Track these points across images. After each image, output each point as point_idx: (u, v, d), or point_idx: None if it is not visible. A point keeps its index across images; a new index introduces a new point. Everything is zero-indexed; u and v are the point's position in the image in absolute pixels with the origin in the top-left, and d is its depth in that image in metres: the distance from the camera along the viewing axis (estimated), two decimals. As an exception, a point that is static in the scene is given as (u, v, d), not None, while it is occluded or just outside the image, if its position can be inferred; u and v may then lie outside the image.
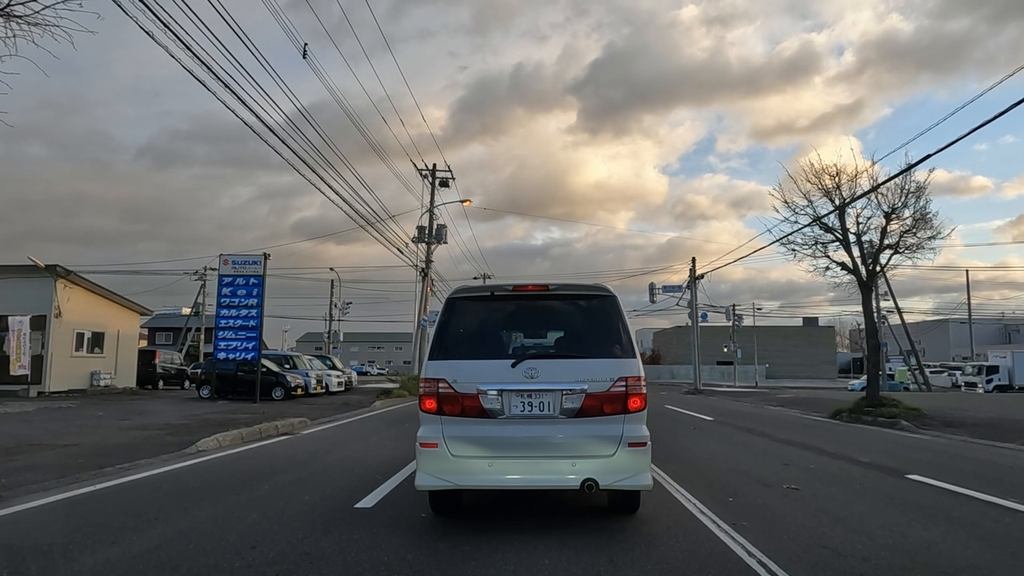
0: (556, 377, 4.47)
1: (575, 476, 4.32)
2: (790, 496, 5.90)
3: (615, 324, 4.74)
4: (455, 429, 4.47)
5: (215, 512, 5.12)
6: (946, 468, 7.76)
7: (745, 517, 4.95)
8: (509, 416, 4.43)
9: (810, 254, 15.94)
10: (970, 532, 4.68)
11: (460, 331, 4.83)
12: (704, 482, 6.53)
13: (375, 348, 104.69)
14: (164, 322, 60.96)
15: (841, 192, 15.01)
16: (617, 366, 4.52)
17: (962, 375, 44.35)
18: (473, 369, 4.53)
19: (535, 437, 4.44)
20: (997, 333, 69.86)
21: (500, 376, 4.46)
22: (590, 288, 4.99)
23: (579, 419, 4.43)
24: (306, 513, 5.06)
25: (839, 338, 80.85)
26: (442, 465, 4.42)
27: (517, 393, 4.45)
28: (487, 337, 4.87)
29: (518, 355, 4.64)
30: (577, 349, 4.74)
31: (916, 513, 5.28)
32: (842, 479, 6.93)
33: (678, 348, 69.59)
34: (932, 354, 59.93)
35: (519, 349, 4.92)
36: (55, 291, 19.96)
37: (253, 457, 8.43)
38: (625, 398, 4.46)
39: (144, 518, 4.89)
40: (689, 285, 35.34)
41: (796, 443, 10.52)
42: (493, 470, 4.40)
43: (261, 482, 6.43)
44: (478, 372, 4.51)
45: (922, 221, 14.48)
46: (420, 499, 5.43)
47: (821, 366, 68.84)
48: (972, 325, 52.99)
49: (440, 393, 4.52)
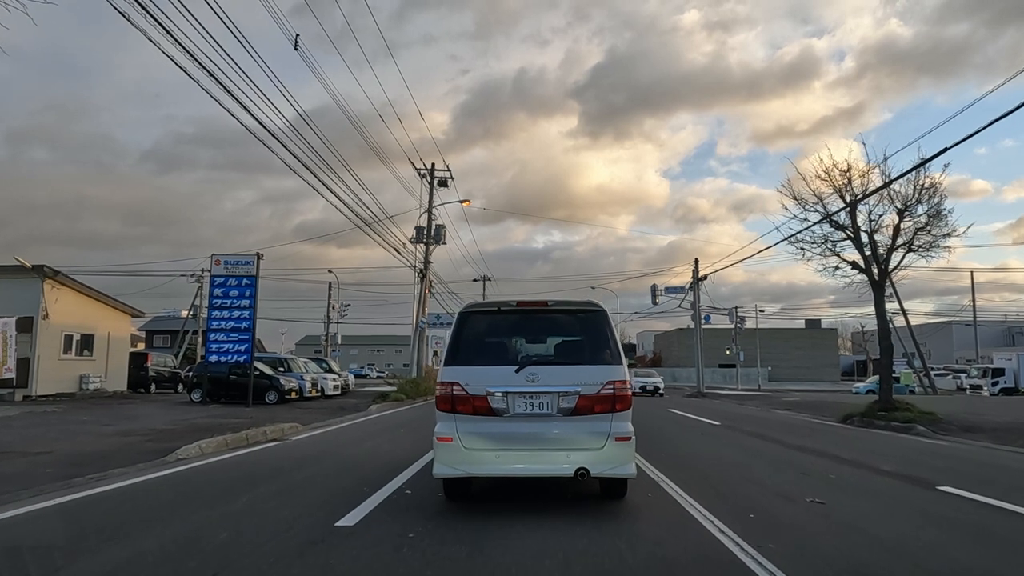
0: (554, 380, 5.07)
1: (569, 465, 4.90)
2: (815, 511, 5.38)
3: (604, 335, 5.39)
4: (467, 425, 5.05)
5: (182, 530, 4.60)
6: (978, 478, 7.23)
7: (770, 537, 4.43)
8: (513, 414, 5.04)
9: (819, 253, 15.43)
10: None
11: (471, 341, 5.44)
12: (719, 495, 6.02)
13: (375, 351, 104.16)
14: (163, 325, 60.35)
15: (852, 188, 14.51)
16: (606, 371, 5.11)
17: (967, 378, 43.77)
18: (482, 374, 5.13)
19: (535, 432, 5.04)
20: (1001, 335, 69.26)
21: (506, 380, 5.07)
22: (583, 304, 5.69)
23: (573, 417, 5.02)
24: (281, 532, 4.54)
25: (841, 340, 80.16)
26: (456, 456, 5.02)
27: (520, 394, 5.05)
28: (494, 346, 5.52)
29: (521, 361, 5.24)
30: (572, 356, 5.42)
31: (959, 532, 4.77)
32: (868, 491, 6.42)
33: (679, 351, 69.02)
34: (935, 356, 59.22)
35: (522, 356, 5.48)
36: (42, 292, 19.42)
37: (235, 466, 7.90)
38: (613, 399, 5.03)
39: (101, 537, 4.38)
40: (692, 286, 34.84)
41: (810, 449, 10.01)
42: (500, 460, 5.01)
43: (239, 495, 5.91)
44: (487, 376, 5.10)
45: (936, 218, 13.97)
46: (406, 517, 5.00)
47: (823, 369, 68.22)
48: (976, 327, 52.40)
49: (454, 394, 5.10)
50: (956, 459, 9.09)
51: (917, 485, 6.79)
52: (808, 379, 62.84)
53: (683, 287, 35.30)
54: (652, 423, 14.95)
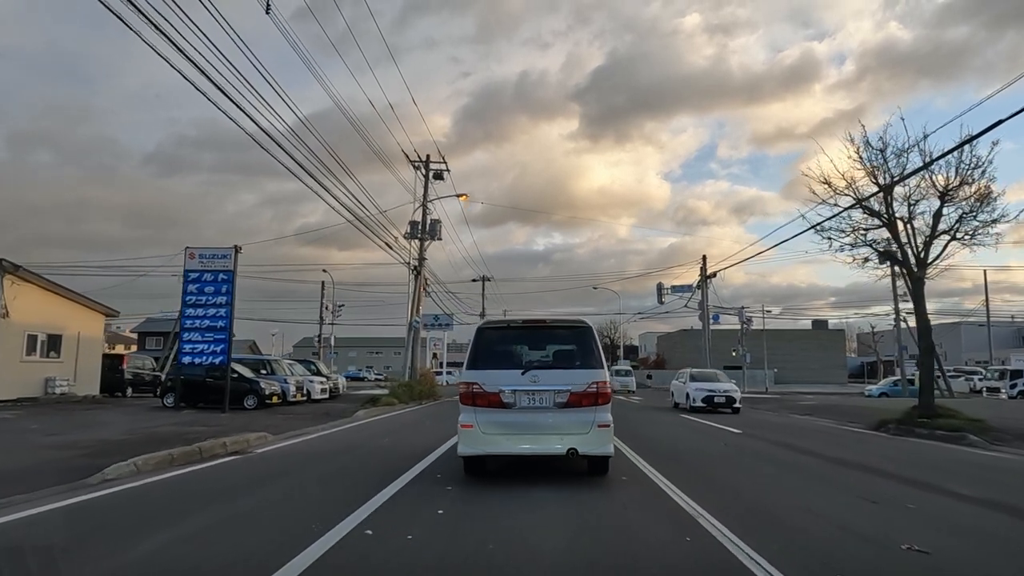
0: (551, 381, 6.37)
1: (562, 446, 6.22)
2: (925, 567, 3.91)
3: (590, 346, 6.71)
4: (484, 416, 6.35)
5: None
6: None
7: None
8: (519, 407, 6.33)
9: (850, 242, 13.95)
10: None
11: (487, 350, 6.70)
12: (777, 532, 4.55)
13: (374, 353, 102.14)
14: (156, 326, 58.86)
15: (888, 169, 13.03)
16: (591, 374, 6.42)
17: (981, 379, 42.25)
18: (496, 375, 6.43)
19: (536, 421, 6.34)
20: (1011, 336, 67.69)
21: (514, 380, 6.38)
22: (574, 321, 7.15)
23: (565, 409, 6.30)
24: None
25: (847, 342, 78.47)
26: (476, 439, 6.34)
27: (525, 392, 6.35)
28: (505, 353, 6.85)
29: (525, 366, 6.60)
30: (565, 362, 6.81)
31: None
32: (970, 531, 4.94)
33: (683, 352, 67.39)
34: (946, 357, 57.75)
35: (526, 362, 6.82)
36: (1, 288, 17.93)
37: (165, 491, 6.42)
38: (596, 395, 6.33)
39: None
40: (699, 284, 33.36)
41: (855, 464, 8.55)
42: (509, 442, 6.33)
43: (139, 539, 4.42)
44: (499, 377, 6.41)
45: (984, 202, 12.47)
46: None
47: (830, 371, 66.05)
48: (990, 328, 50.86)
49: (474, 391, 6.40)
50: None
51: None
52: (814, 381, 61.25)
53: (690, 285, 33.81)
54: (667, 431, 13.47)
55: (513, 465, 7.44)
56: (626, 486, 6.53)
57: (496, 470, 7.13)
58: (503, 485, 6.45)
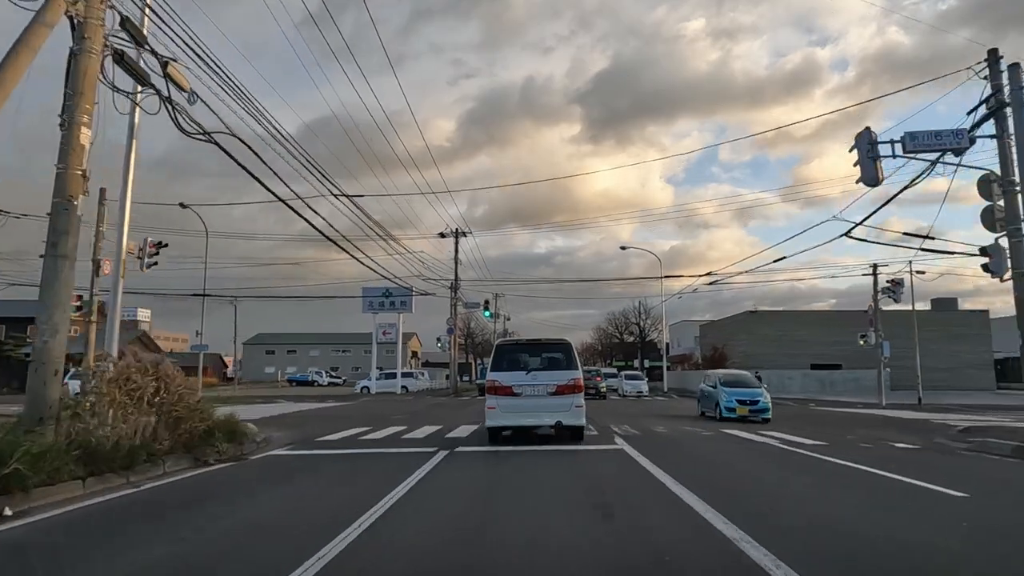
0: (545, 379, 11.28)
1: (551, 420, 11.14)
2: None
3: (571, 355, 11.84)
4: (502, 401, 11.21)
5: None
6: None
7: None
8: (524, 395, 11.15)
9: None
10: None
11: (503, 358, 11.80)
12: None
13: (340, 352, 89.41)
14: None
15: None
16: (571, 374, 11.37)
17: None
18: (509, 375, 11.37)
19: (535, 404, 11.11)
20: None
21: (520, 378, 11.32)
22: (559, 340, 12.49)
23: (554, 396, 11.12)
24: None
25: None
26: (497, 416, 11.22)
27: (528, 385, 11.22)
28: (515, 360, 11.83)
29: (528, 368, 11.61)
30: (553, 366, 11.68)
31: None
32: None
33: (751, 344, 48.20)
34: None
35: (529, 366, 11.73)
36: None
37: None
38: (574, 387, 11.23)
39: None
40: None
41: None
42: (518, 417, 11.21)
43: None
44: (511, 376, 11.34)
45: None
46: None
47: (969, 372, 46.21)
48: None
49: (496, 386, 11.29)
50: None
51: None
52: (948, 387, 41.75)
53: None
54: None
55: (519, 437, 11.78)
56: None
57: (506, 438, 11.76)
58: None
